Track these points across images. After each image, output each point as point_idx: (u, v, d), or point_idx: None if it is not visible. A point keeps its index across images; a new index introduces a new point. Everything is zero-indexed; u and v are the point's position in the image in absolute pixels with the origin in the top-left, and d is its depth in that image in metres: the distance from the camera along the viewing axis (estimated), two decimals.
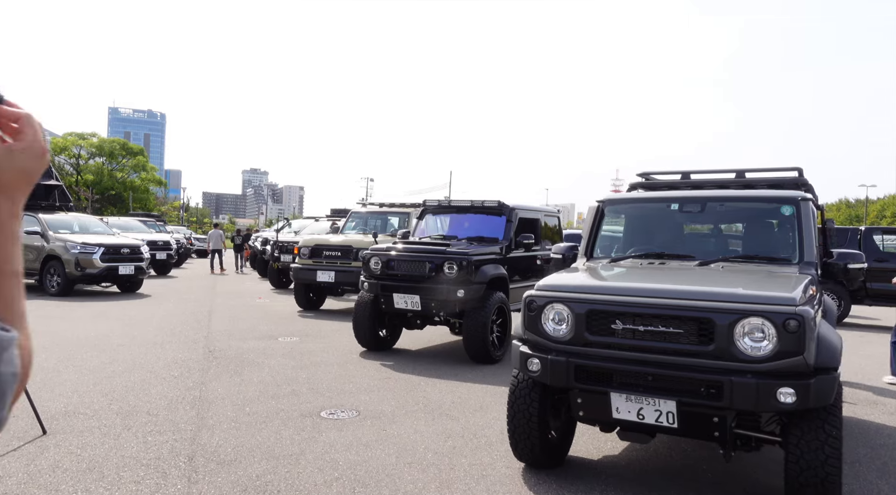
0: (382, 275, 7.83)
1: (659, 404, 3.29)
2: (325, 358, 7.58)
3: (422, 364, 7.42)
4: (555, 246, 5.00)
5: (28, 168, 0.82)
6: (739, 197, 4.46)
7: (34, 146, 0.83)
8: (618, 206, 4.91)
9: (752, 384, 3.05)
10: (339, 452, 4.37)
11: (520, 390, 3.94)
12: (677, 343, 3.31)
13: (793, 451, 3.15)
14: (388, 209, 13.83)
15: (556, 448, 4.11)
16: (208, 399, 5.63)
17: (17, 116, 0.84)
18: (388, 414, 5.32)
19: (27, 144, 0.82)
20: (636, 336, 3.42)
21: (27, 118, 0.84)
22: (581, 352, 3.58)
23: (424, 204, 9.32)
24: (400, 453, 4.39)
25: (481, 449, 4.52)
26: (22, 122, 0.84)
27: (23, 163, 0.82)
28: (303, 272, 11.70)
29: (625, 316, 3.44)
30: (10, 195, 0.81)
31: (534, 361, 3.70)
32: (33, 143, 0.83)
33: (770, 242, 4.34)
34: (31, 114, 0.85)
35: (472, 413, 5.41)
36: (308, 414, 5.23)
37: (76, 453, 4.20)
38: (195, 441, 4.51)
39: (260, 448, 4.41)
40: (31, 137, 0.83)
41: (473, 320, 7.36)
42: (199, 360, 7.22)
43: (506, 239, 8.40)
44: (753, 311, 3.12)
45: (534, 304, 3.76)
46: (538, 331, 3.74)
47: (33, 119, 0.85)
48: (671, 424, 3.29)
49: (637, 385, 3.39)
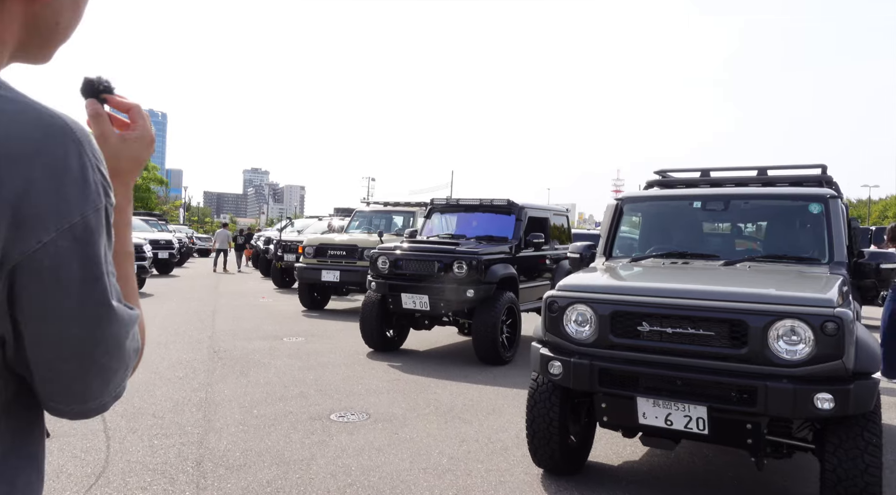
0: (390, 274, 7.70)
1: (688, 410, 3.16)
2: (331, 358, 7.46)
3: (430, 365, 7.29)
4: (571, 245, 4.87)
5: (139, 155, 0.89)
6: (765, 194, 4.32)
7: (144, 134, 0.90)
8: (637, 204, 4.77)
9: (789, 389, 2.92)
10: (351, 457, 4.24)
11: (539, 394, 3.81)
12: (708, 346, 3.18)
13: (830, 460, 3.01)
14: (393, 208, 13.70)
15: (575, 453, 3.98)
16: (215, 401, 5.50)
17: (127, 107, 0.90)
18: (399, 416, 5.19)
19: (139, 133, 0.89)
20: (664, 338, 3.29)
21: (137, 109, 0.91)
22: (605, 355, 3.45)
23: (432, 202, 9.18)
24: (414, 458, 4.26)
25: (497, 453, 4.39)
26: (133, 113, 0.90)
27: (135, 151, 0.89)
28: (307, 271, 11.57)
29: (652, 317, 3.31)
30: (124, 180, 0.88)
31: (555, 364, 3.57)
32: (144, 132, 0.90)
33: (797, 241, 4.20)
34: (140, 105, 0.91)
35: (486, 416, 5.28)
36: (317, 417, 5.10)
37: (80, 457, 4.07)
38: (203, 444, 4.38)
39: (269, 452, 4.28)
40: (141, 126, 0.90)
41: (483, 321, 7.23)
42: (204, 361, 7.10)
43: (515, 238, 8.27)
44: (789, 313, 2.99)
45: (555, 305, 3.63)
46: (559, 332, 3.61)
47: (142, 109, 0.91)
48: (701, 431, 3.15)
49: (665, 389, 3.26)
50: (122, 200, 0.85)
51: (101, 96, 0.89)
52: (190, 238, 30.35)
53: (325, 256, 11.50)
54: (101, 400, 0.74)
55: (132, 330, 0.74)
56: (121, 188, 0.85)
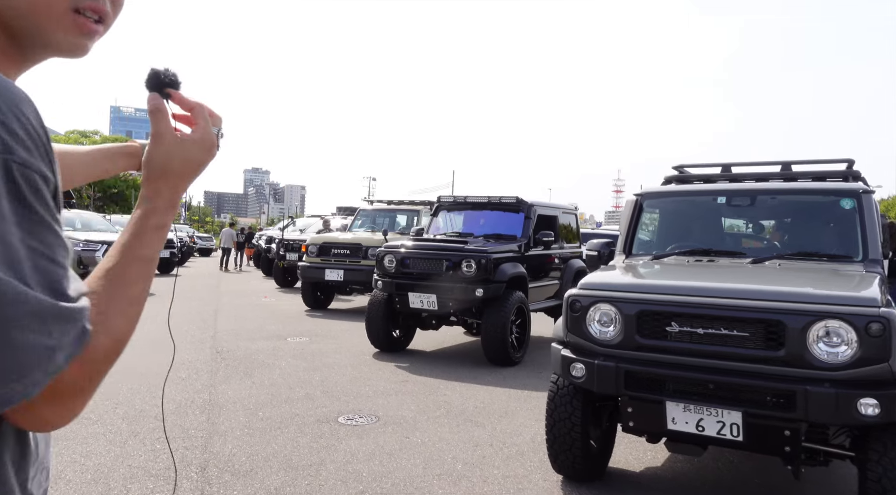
0: (397, 273, 7.53)
1: (722, 415, 2.99)
2: (337, 359, 7.29)
3: (438, 366, 7.12)
4: (588, 242, 4.71)
5: (196, 158, 0.83)
6: (795, 189, 4.15)
7: (205, 138, 0.84)
8: (658, 200, 4.60)
9: (831, 394, 2.75)
10: (362, 462, 4.07)
11: (560, 397, 3.64)
12: (742, 347, 3.01)
13: (873, 469, 2.84)
14: (397, 206, 13.54)
15: (595, 459, 3.81)
16: (219, 403, 5.33)
17: (191, 106, 0.85)
18: (410, 419, 5.03)
19: (199, 136, 0.83)
20: (694, 339, 3.12)
21: (200, 108, 0.85)
22: (631, 357, 3.28)
23: (439, 200, 9.02)
24: (427, 463, 4.09)
25: (513, 458, 4.22)
26: (195, 113, 0.84)
27: (192, 154, 0.82)
28: (311, 270, 11.40)
29: (682, 317, 3.14)
30: (173, 183, 0.80)
31: (577, 366, 3.40)
32: (204, 134, 0.84)
33: (829, 238, 4.03)
34: (204, 105, 0.85)
35: (498, 419, 5.11)
36: (325, 420, 4.93)
37: (80, 462, 3.90)
38: (207, 449, 4.22)
39: (276, 457, 4.11)
40: (202, 128, 0.84)
41: (492, 320, 7.06)
42: (207, 361, 6.93)
43: (524, 236, 8.10)
44: (830, 313, 2.82)
45: (577, 304, 3.47)
46: (582, 333, 3.45)
47: (206, 110, 0.85)
48: (735, 437, 2.98)
49: (696, 393, 3.09)
50: (163, 203, 0.79)
51: (165, 91, 0.84)
52: (191, 237, 30.27)
53: (328, 255, 11.33)
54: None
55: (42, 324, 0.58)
56: (166, 191, 0.79)
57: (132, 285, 0.73)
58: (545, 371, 7.00)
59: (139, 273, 0.75)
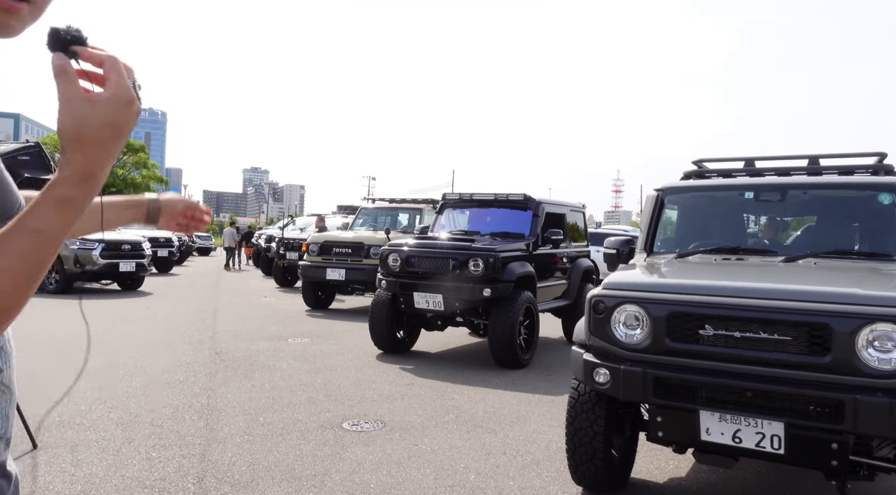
0: (402, 272, 7.31)
1: (762, 425, 2.76)
2: (339, 361, 7.06)
3: (445, 368, 6.90)
4: (606, 240, 4.48)
5: (114, 120, 0.73)
6: (829, 183, 3.92)
7: (119, 94, 0.74)
8: (680, 195, 4.37)
9: (885, 404, 2.53)
10: (369, 472, 3.84)
11: (581, 404, 3.42)
12: (783, 352, 2.78)
13: None
14: (398, 205, 13.32)
15: (617, 469, 3.59)
16: (217, 407, 5.11)
17: (100, 60, 0.76)
18: (418, 425, 4.80)
19: (111, 93, 0.74)
20: (730, 343, 2.90)
21: (112, 61, 0.75)
22: (661, 362, 3.05)
23: (444, 197, 8.79)
24: (438, 473, 3.86)
25: (528, 468, 3.99)
26: (106, 67, 0.75)
27: (107, 115, 0.72)
28: (312, 269, 11.17)
29: (717, 319, 2.92)
30: (89, 152, 0.72)
31: (601, 372, 3.18)
32: (117, 91, 0.74)
33: (865, 235, 3.81)
34: (116, 57, 0.76)
35: (510, 425, 4.89)
36: (329, 426, 4.70)
37: (70, 472, 3.67)
38: (205, 457, 3.99)
39: (278, 466, 3.88)
40: (115, 84, 0.74)
41: (500, 321, 6.83)
42: (205, 363, 6.70)
43: (532, 235, 7.87)
44: (883, 316, 2.59)
45: (601, 305, 3.24)
46: (606, 336, 3.22)
47: (118, 62, 0.76)
48: (776, 450, 2.76)
49: (732, 402, 2.87)
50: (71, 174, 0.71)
51: (70, 49, 0.74)
52: (190, 236, 30.09)
53: (329, 254, 11.11)
54: None
55: None
56: (78, 161, 0.71)
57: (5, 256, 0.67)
58: (554, 373, 6.78)
59: (19, 246, 0.68)
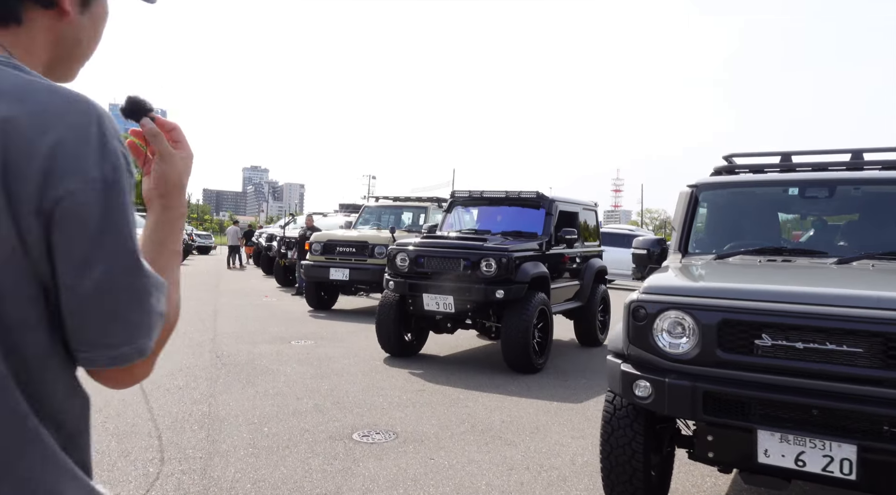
0: (410, 272, 7.01)
1: (830, 448, 2.48)
2: (345, 365, 6.77)
3: (455, 373, 6.61)
4: (635, 240, 4.19)
5: (189, 170, 0.97)
6: (885, 179, 3.63)
7: (191, 153, 0.99)
8: (716, 192, 4.08)
9: None
10: (384, 490, 3.56)
11: (618, 419, 3.13)
12: (853, 366, 2.50)
13: None
14: (403, 203, 13.03)
15: (656, 490, 3.30)
16: (219, 416, 4.82)
17: (171, 126, 0.97)
18: (432, 436, 4.51)
19: (188, 152, 0.98)
20: (791, 355, 2.61)
21: (179, 129, 0.98)
22: (711, 375, 2.76)
23: (453, 195, 8.50)
24: (458, 491, 3.58)
25: (555, 485, 3.71)
26: (177, 133, 0.97)
27: (188, 167, 0.97)
28: (314, 269, 10.87)
29: (775, 328, 2.63)
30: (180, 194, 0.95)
31: (642, 384, 2.89)
32: (190, 151, 0.98)
33: None
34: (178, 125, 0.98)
35: (530, 436, 4.60)
36: (338, 437, 4.42)
37: None
38: (206, 473, 3.70)
39: (286, 483, 3.60)
40: (188, 146, 0.98)
41: (514, 324, 6.54)
42: (205, 367, 6.41)
43: (545, 234, 7.58)
44: None
45: (642, 311, 2.95)
46: (648, 345, 2.93)
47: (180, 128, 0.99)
48: (846, 475, 2.47)
49: (795, 420, 2.58)
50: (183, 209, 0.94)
51: (149, 116, 0.93)
52: (189, 235, 29.83)
53: (333, 253, 10.81)
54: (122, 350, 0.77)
55: (158, 293, 0.80)
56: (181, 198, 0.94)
57: (173, 272, 0.91)
58: (570, 379, 6.50)
59: (176, 263, 0.93)
